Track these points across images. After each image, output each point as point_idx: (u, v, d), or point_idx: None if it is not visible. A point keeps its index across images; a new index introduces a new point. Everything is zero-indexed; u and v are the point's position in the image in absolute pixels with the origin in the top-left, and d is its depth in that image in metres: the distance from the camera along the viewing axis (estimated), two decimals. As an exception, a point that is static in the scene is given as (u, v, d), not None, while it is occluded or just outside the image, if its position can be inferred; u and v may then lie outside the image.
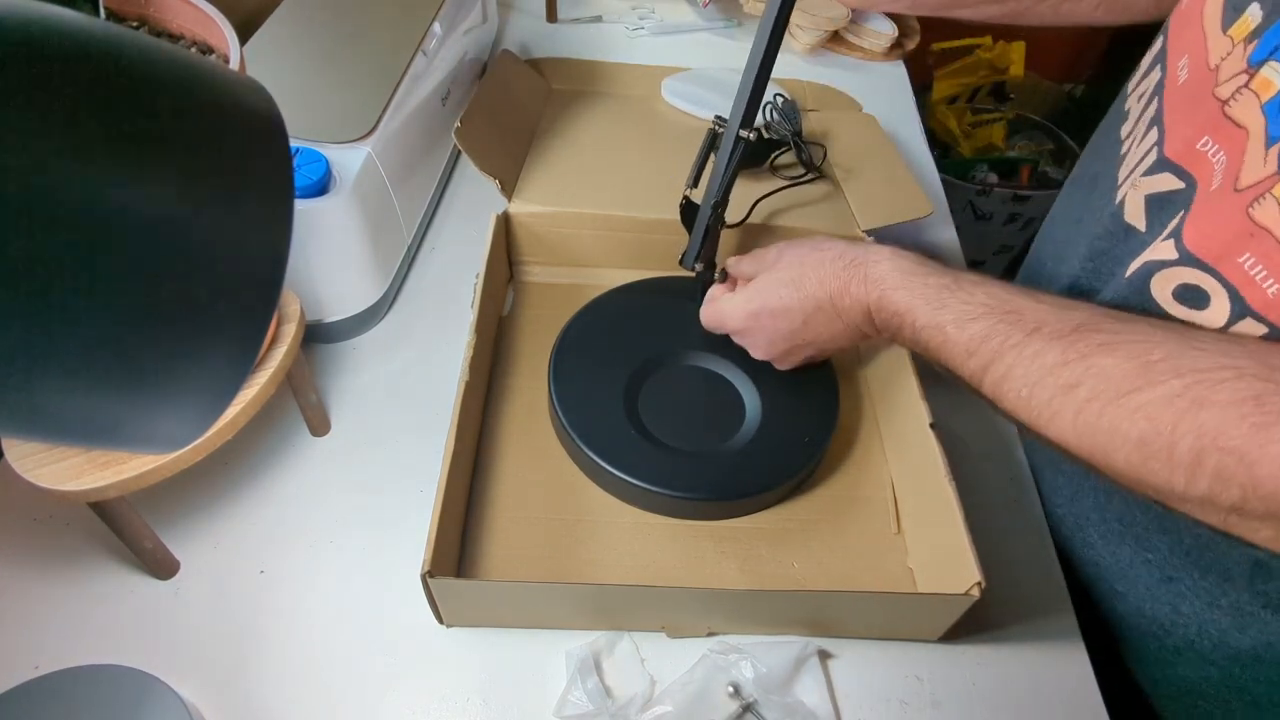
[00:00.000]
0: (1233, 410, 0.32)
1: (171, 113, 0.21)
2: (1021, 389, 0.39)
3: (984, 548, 0.47)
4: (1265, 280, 0.37)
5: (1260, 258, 0.37)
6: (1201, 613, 0.49)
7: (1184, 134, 0.44)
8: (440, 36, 0.74)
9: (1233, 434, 0.32)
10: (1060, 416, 0.37)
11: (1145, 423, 0.34)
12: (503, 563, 0.52)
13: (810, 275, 0.50)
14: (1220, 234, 0.39)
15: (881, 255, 0.48)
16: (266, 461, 0.57)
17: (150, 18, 0.55)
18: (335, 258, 0.61)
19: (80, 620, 0.49)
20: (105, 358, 0.21)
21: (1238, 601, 0.47)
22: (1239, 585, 0.46)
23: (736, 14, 1.06)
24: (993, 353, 0.40)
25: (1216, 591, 0.48)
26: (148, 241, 0.20)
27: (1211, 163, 0.41)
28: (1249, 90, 0.40)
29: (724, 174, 0.56)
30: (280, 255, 0.24)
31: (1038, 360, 0.38)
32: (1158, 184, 0.46)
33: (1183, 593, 0.50)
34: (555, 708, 0.47)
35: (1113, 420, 0.35)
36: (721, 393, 0.60)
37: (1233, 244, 0.38)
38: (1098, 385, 0.36)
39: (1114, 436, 0.35)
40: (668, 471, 0.54)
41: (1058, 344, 0.38)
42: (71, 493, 0.41)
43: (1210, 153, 0.42)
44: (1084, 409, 0.36)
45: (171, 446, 0.26)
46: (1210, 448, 0.32)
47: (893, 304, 0.46)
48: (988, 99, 1.83)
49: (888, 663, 0.51)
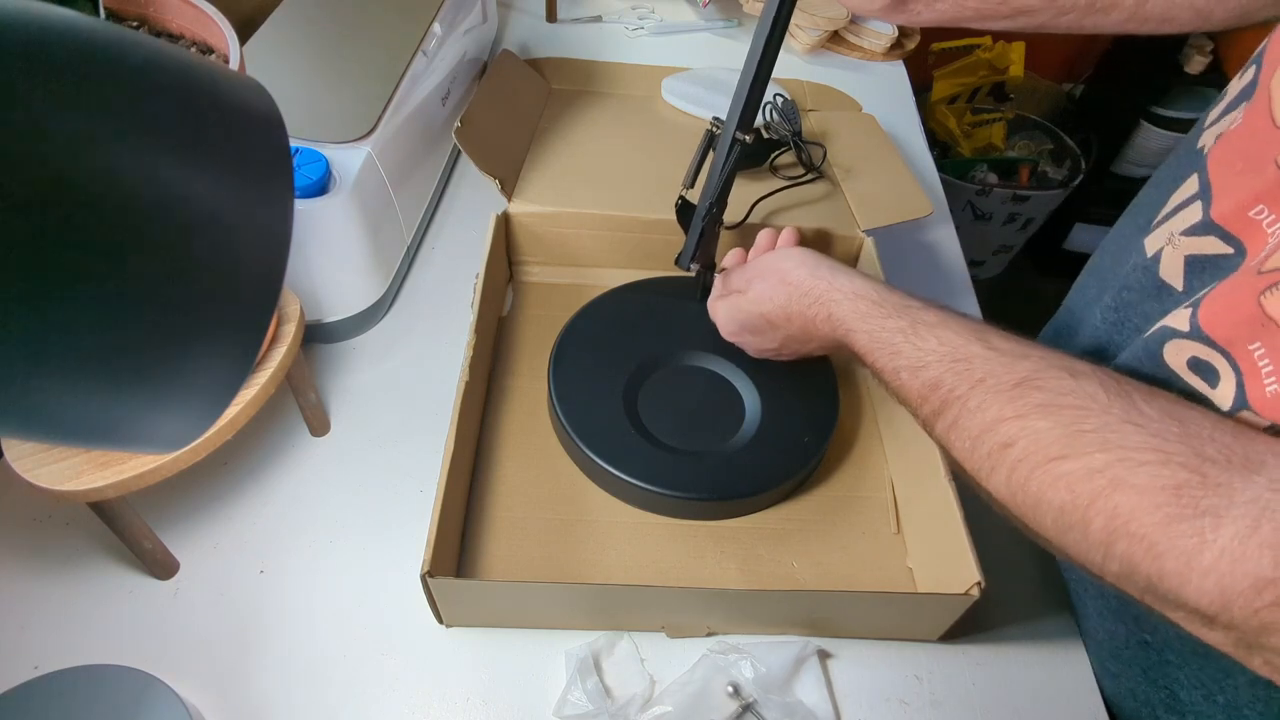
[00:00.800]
0: (1148, 497, 0.31)
1: (171, 113, 0.21)
2: (965, 441, 0.39)
3: (984, 548, 0.47)
4: (1269, 376, 0.34)
5: (1269, 350, 0.34)
6: (1199, 705, 0.46)
7: (1237, 197, 0.40)
8: (440, 36, 0.74)
9: (1144, 522, 0.31)
10: (996, 473, 0.37)
11: (1066, 493, 0.34)
12: (503, 563, 0.52)
13: (779, 311, 0.52)
14: (1231, 315, 0.37)
15: (842, 293, 0.48)
16: (266, 461, 0.57)
17: (150, 18, 0.55)
18: (335, 258, 0.61)
19: (80, 620, 0.49)
20: (104, 358, 0.21)
21: (1235, 700, 0.44)
22: (1238, 681, 0.44)
23: (736, 14, 1.06)
24: (941, 401, 0.40)
25: (1214, 687, 0.45)
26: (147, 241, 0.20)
27: (1267, 234, 0.38)
28: None
29: (720, 176, 0.56)
30: (280, 255, 0.24)
31: (979, 414, 0.38)
32: (1202, 246, 0.43)
33: (1180, 681, 0.47)
34: (555, 707, 0.47)
35: (1039, 485, 0.35)
36: (721, 393, 0.60)
37: (1242, 329, 0.36)
38: (1028, 447, 0.35)
39: (1040, 502, 0.35)
40: (668, 471, 0.54)
41: (999, 398, 0.37)
42: (71, 493, 0.41)
43: (1266, 222, 0.38)
44: (1015, 469, 0.36)
45: (171, 446, 0.26)
46: (1120, 531, 0.32)
47: (853, 344, 0.47)
48: (987, 99, 1.84)
49: (887, 663, 0.51)
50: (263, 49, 0.65)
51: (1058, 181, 1.78)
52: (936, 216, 0.77)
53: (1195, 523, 0.30)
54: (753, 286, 0.54)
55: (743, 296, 0.55)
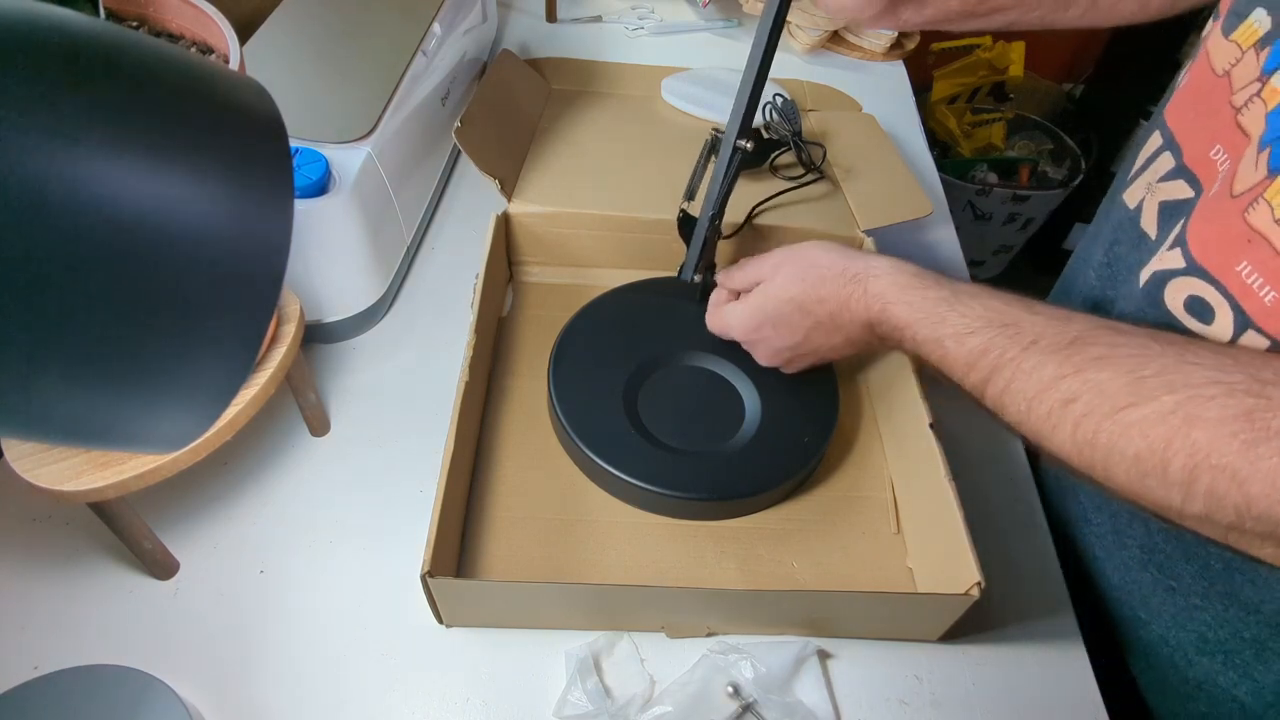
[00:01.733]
0: (1224, 428, 0.32)
1: (171, 113, 0.21)
2: (1021, 403, 0.39)
3: (984, 548, 0.47)
4: (1262, 289, 0.37)
5: (1256, 265, 0.37)
6: (1226, 642, 0.48)
7: (1198, 142, 0.44)
8: (440, 36, 0.74)
9: (1224, 451, 0.31)
10: (1059, 430, 0.37)
11: (1140, 440, 0.34)
12: (503, 563, 0.52)
13: (810, 293, 0.50)
14: (1220, 240, 0.39)
15: (880, 269, 0.48)
16: (266, 461, 0.57)
17: (150, 18, 0.55)
18: (335, 258, 0.61)
19: (80, 620, 0.49)
20: (104, 358, 0.21)
21: (1260, 635, 0.46)
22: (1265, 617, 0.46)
23: (736, 14, 1.06)
24: (991, 366, 0.40)
25: (1239, 624, 0.47)
26: (146, 241, 0.20)
27: (1218, 170, 0.41)
28: (1259, 99, 0.39)
29: (721, 185, 0.56)
30: (280, 255, 0.24)
31: (1035, 374, 0.38)
32: (1173, 191, 0.46)
33: (1208, 622, 0.48)
34: (555, 708, 0.47)
35: (1109, 436, 0.35)
36: (721, 393, 0.60)
37: (1232, 251, 0.38)
38: (1093, 400, 0.36)
39: (1111, 453, 0.35)
40: (668, 471, 0.54)
41: (1054, 357, 0.38)
42: (71, 493, 0.41)
43: (1219, 161, 0.42)
44: (1081, 424, 0.36)
45: (171, 447, 0.26)
46: (1203, 466, 0.32)
47: (893, 318, 0.46)
48: (987, 99, 1.84)
49: (887, 663, 0.51)
50: (263, 49, 0.65)
51: (1058, 181, 1.78)
52: (936, 216, 0.77)
53: (1273, 443, 0.31)
54: (780, 272, 0.53)
55: (770, 284, 0.53)
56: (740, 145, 0.55)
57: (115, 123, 0.19)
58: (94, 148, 0.19)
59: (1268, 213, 0.36)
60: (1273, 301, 0.36)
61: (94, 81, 0.19)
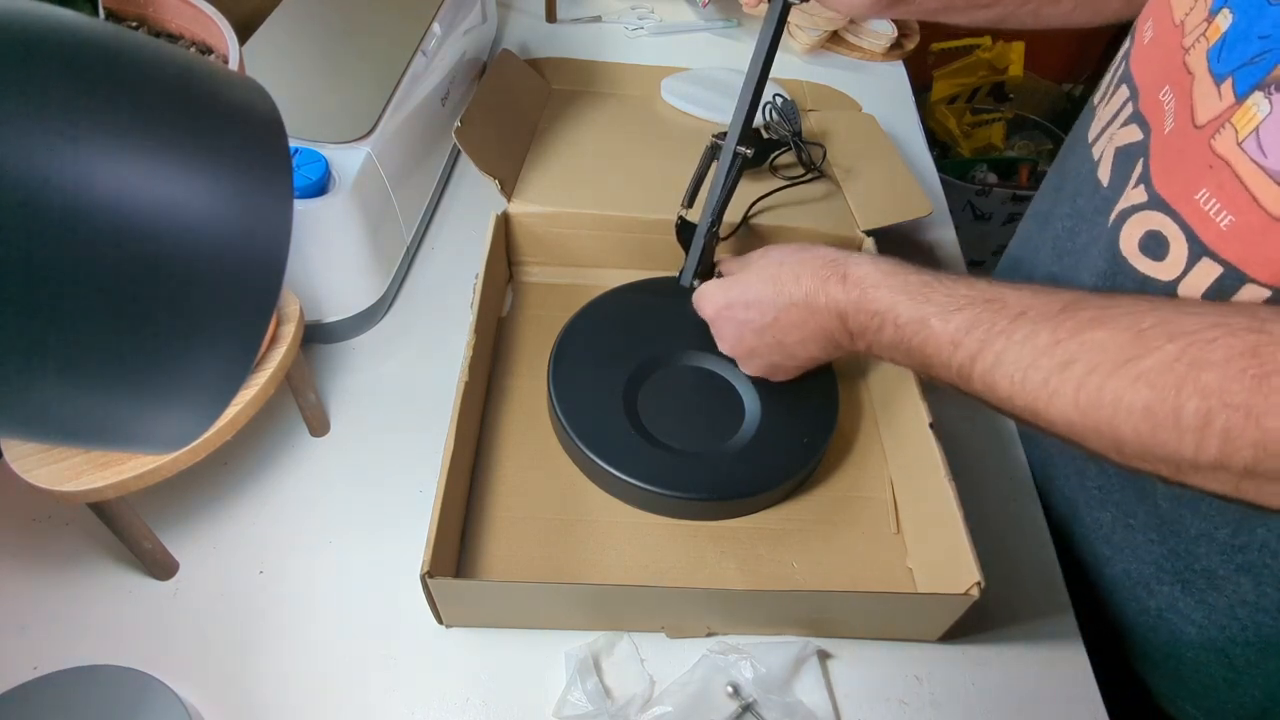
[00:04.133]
0: (1232, 366, 0.31)
1: (170, 114, 0.21)
2: (1014, 374, 0.38)
3: (984, 548, 0.47)
4: (1219, 214, 0.37)
5: (1214, 190, 0.37)
6: (1183, 572, 0.50)
7: (1154, 86, 0.45)
8: (440, 36, 0.74)
9: (1235, 390, 0.31)
10: (1060, 395, 0.36)
11: (1148, 390, 0.33)
12: (502, 563, 0.52)
13: (787, 273, 0.50)
14: (1182, 169, 0.40)
15: (863, 259, 0.48)
16: (266, 461, 0.57)
17: (149, 18, 0.55)
18: (335, 258, 0.61)
19: (80, 620, 0.49)
20: (103, 358, 0.21)
21: (1210, 566, 0.48)
22: (1214, 547, 0.48)
23: (736, 14, 1.06)
24: (979, 341, 0.39)
25: (1189, 556, 0.49)
26: (146, 241, 0.20)
27: (1165, 110, 0.43)
28: (1204, 39, 0.41)
29: (720, 192, 0.56)
30: (279, 255, 0.24)
31: (1029, 343, 0.38)
32: (1126, 136, 0.47)
33: (1164, 554, 0.51)
34: (555, 708, 0.47)
35: (1115, 391, 0.34)
36: (721, 393, 0.60)
37: (1191, 179, 0.39)
38: (1094, 358, 0.35)
39: (1118, 408, 0.34)
40: (668, 472, 0.54)
41: (1047, 324, 0.37)
42: (71, 493, 0.41)
43: (1166, 102, 0.43)
44: (1084, 383, 0.35)
45: (170, 447, 0.26)
46: (1217, 407, 0.32)
47: (873, 303, 0.45)
48: (987, 99, 1.84)
49: (887, 663, 0.51)
50: (263, 49, 0.65)
51: (1057, 181, 1.77)
52: (936, 216, 0.77)
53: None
54: (766, 255, 0.53)
55: (751, 265, 0.53)
56: (740, 151, 0.55)
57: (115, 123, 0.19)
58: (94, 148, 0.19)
59: (1232, 136, 0.37)
60: (1229, 226, 0.37)
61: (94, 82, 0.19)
